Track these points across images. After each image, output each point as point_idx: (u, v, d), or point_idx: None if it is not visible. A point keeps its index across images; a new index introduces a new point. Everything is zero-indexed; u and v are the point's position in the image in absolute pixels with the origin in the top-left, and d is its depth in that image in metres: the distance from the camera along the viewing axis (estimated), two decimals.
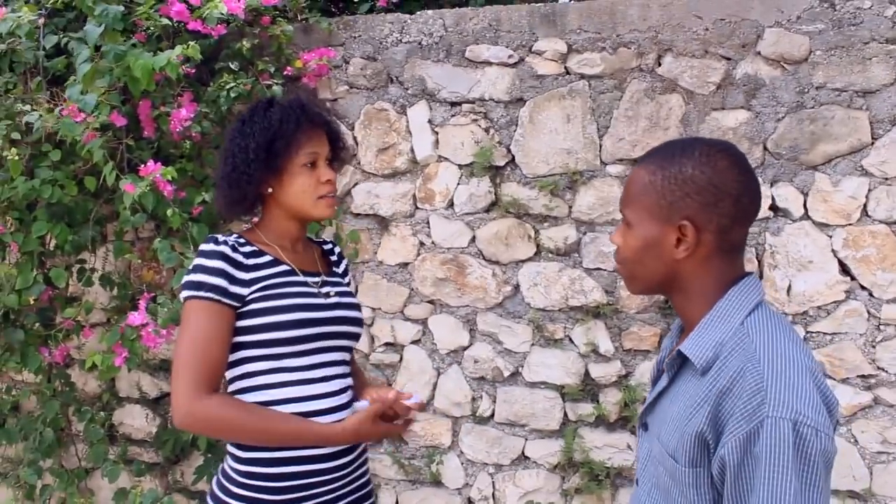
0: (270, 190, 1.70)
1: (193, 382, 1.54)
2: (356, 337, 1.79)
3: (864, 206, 2.68)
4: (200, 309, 1.58)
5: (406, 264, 3.01)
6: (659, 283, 1.26)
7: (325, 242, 1.93)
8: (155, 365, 3.27)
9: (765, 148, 2.73)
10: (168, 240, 2.54)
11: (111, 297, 3.13)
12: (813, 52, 2.66)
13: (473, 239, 2.96)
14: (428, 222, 2.98)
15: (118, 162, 2.49)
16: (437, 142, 2.95)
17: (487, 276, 2.95)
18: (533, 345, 2.95)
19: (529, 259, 2.92)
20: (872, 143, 2.66)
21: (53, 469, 3.07)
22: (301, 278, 1.71)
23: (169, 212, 2.46)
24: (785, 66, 2.69)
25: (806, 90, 2.69)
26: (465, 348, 3.01)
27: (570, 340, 2.93)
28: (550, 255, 2.91)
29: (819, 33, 2.66)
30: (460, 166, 2.94)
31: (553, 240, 2.89)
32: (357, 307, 1.82)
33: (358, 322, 1.79)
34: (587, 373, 2.92)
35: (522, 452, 3.02)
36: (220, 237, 1.67)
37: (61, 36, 2.57)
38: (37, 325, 2.84)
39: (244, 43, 2.84)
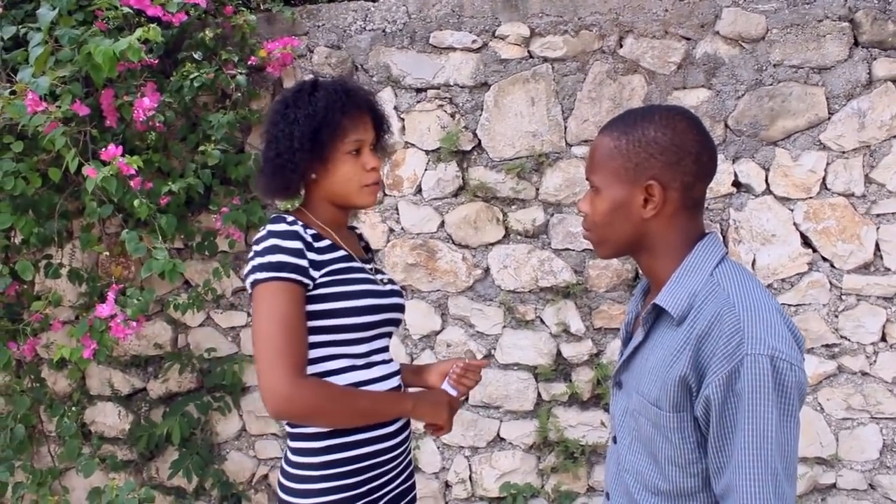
0: (314, 176, 1.65)
1: (292, 367, 1.48)
2: (400, 323, 1.81)
3: (823, 179, 2.75)
4: (284, 291, 1.51)
5: (376, 251, 3.02)
6: (628, 244, 1.31)
7: (354, 227, 1.89)
8: (126, 361, 3.24)
9: (726, 125, 2.78)
10: (135, 231, 2.52)
11: (80, 293, 3.10)
12: (769, 30, 2.72)
13: (442, 224, 2.97)
14: (397, 208, 2.99)
15: (82, 152, 2.46)
16: (403, 128, 2.96)
17: (457, 261, 2.96)
18: (505, 327, 2.97)
19: (498, 242, 2.94)
20: (829, 118, 2.72)
21: (25, 466, 3.03)
22: (359, 264, 1.69)
23: (136, 202, 2.45)
24: (743, 44, 2.75)
25: (764, 68, 2.74)
26: (438, 333, 3.02)
27: (542, 321, 2.96)
28: (519, 238, 2.94)
29: (775, 12, 2.72)
30: (427, 152, 2.95)
31: (521, 222, 2.91)
32: (402, 293, 1.82)
33: (404, 309, 1.80)
34: (559, 353, 2.95)
35: (498, 434, 3.04)
36: (287, 216, 1.61)
37: (19, 27, 2.54)
38: (3, 320, 2.80)
39: (207, 33, 2.84)
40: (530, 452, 3.03)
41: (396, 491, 1.74)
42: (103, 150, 2.30)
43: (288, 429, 1.66)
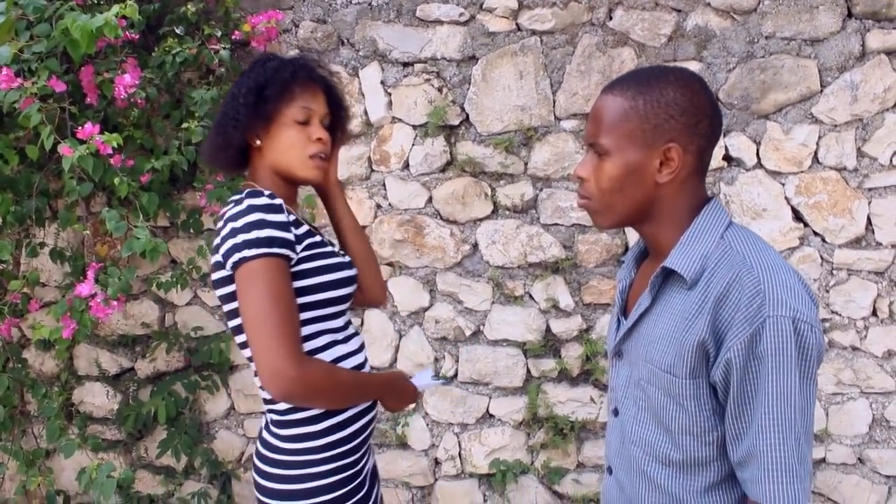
0: (259, 142, 1.61)
1: (294, 348, 1.44)
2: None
3: (815, 153, 2.72)
4: (276, 267, 1.45)
5: (364, 227, 2.99)
6: (635, 212, 1.25)
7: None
8: (113, 341, 3.22)
9: (717, 98, 2.74)
10: (117, 209, 2.48)
11: (65, 273, 3.07)
12: (761, 1, 2.67)
13: (430, 199, 2.94)
14: (384, 184, 2.96)
15: (61, 130, 2.42)
16: (390, 103, 2.92)
17: (445, 236, 2.93)
18: (493, 303, 2.95)
19: (487, 217, 2.91)
20: (821, 91, 2.69)
21: (6, 447, 3.02)
22: (321, 238, 1.66)
23: (116, 180, 2.41)
24: (734, 16, 2.70)
25: (756, 40, 2.70)
26: (426, 309, 3.00)
27: (531, 297, 2.93)
28: (507, 213, 2.91)
29: None
30: (414, 127, 2.91)
31: (510, 197, 2.88)
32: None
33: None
34: (548, 328, 2.93)
35: (487, 411, 3.03)
36: (262, 190, 1.55)
37: None
38: None
39: (189, 7, 2.78)
40: (520, 429, 3.02)
41: (372, 462, 1.78)
42: (80, 128, 2.26)
43: (274, 417, 1.61)
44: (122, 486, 2.96)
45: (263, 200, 1.49)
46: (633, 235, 2.83)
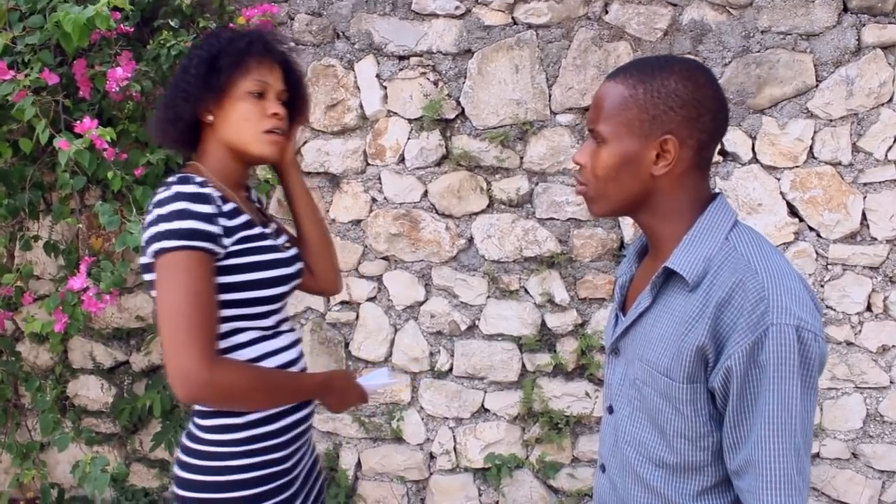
0: (210, 118, 1.51)
1: (206, 348, 1.35)
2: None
3: (811, 147, 2.71)
4: (195, 261, 1.36)
5: (359, 221, 2.98)
6: (630, 202, 1.23)
7: (249, 188, 1.72)
8: (108, 334, 3.22)
9: None
10: (110, 203, 2.48)
11: (59, 267, 3.07)
12: None
13: (426, 193, 2.94)
14: (379, 178, 2.95)
15: (55, 123, 2.41)
16: (385, 96, 2.91)
17: (441, 230, 2.93)
18: (489, 297, 2.95)
19: (482, 211, 2.91)
20: (817, 86, 2.68)
21: (0, 441, 3.01)
22: (262, 230, 1.56)
23: (110, 174, 2.40)
24: (730, 10, 2.70)
25: (751, 34, 2.69)
26: (421, 303, 3.00)
27: (526, 291, 2.93)
28: (503, 207, 2.90)
29: None
30: (410, 120, 2.90)
31: (505, 191, 2.88)
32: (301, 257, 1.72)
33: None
34: (544, 323, 2.93)
35: (482, 405, 3.03)
36: (196, 176, 1.45)
37: None
38: None
39: (184, 0, 2.77)
40: (515, 423, 3.02)
41: (308, 464, 1.69)
42: (78, 122, 2.25)
43: (197, 407, 1.54)
44: (117, 480, 2.96)
45: (192, 188, 1.41)
46: (628, 230, 2.83)
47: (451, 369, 3.02)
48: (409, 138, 2.91)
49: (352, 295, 3.03)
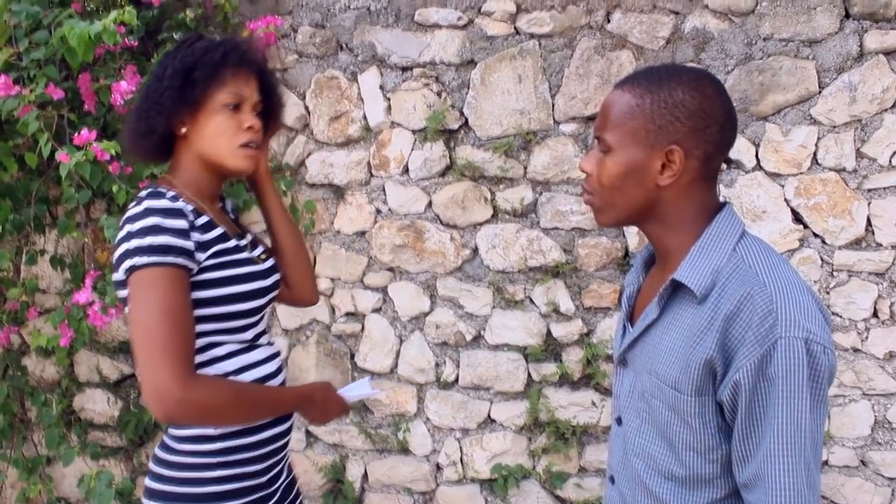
0: (184, 130, 1.48)
1: (181, 365, 1.32)
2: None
3: (814, 154, 2.71)
4: (169, 277, 1.34)
5: (363, 233, 2.99)
6: (635, 212, 1.23)
7: (220, 198, 1.70)
8: (114, 348, 3.22)
9: None
10: (115, 216, 2.48)
11: (65, 280, 3.07)
12: (759, 3, 2.67)
13: (430, 204, 2.94)
14: (384, 189, 2.96)
15: (60, 137, 2.42)
16: (389, 108, 2.92)
17: (445, 241, 2.93)
18: (494, 307, 2.94)
19: (487, 221, 2.91)
20: (820, 92, 2.68)
21: (4, 455, 3.01)
22: (236, 242, 1.54)
23: (115, 188, 2.41)
24: (732, 18, 2.70)
25: (754, 42, 2.70)
26: (427, 314, 2.99)
27: (531, 301, 2.93)
28: (507, 217, 2.90)
29: None
30: (414, 131, 2.91)
31: (509, 201, 2.88)
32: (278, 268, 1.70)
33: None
34: (549, 332, 2.93)
35: (488, 416, 3.02)
36: (166, 190, 1.44)
37: None
38: None
39: (188, 13, 2.78)
40: (521, 433, 3.01)
41: (286, 480, 1.67)
42: (77, 134, 2.26)
43: None
44: (123, 494, 2.95)
45: (163, 203, 1.40)
46: (633, 239, 2.83)
47: (456, 380, 3.01)
48: (412, 149, 2.92)
49: (357, 306, 3.03)
